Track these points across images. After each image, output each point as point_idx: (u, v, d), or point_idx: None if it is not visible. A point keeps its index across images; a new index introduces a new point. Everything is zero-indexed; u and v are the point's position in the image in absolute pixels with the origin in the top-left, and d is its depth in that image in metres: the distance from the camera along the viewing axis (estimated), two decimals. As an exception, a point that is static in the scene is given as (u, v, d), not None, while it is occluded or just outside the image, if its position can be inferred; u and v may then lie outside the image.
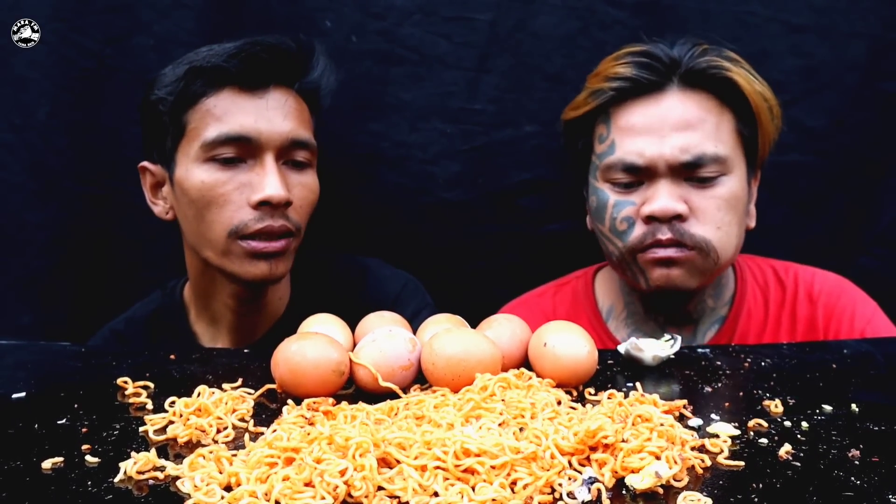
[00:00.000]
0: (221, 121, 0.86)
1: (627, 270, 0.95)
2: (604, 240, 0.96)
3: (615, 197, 0.93)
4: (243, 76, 0.87)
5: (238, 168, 0.87)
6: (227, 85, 0.87)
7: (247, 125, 0.86)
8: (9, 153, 1.11)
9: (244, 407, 0.61)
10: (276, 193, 0.85)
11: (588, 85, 0.97)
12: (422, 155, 1.12)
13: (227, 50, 0.87)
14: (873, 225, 1.15)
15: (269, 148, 0.87)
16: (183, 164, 0.88)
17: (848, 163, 1.13)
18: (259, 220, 0.86)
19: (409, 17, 1.09)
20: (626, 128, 0.92)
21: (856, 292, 1.00)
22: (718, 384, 0.69)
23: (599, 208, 0.95)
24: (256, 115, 0.87)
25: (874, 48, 1.09)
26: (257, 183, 0.86)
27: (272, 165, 0.87)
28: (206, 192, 0.86)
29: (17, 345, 0.77)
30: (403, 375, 0.64)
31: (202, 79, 0.86)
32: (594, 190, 0.96)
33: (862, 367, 0.74)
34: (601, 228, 0.96)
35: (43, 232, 1.13)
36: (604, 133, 0.94)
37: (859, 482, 0.51)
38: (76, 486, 0.49)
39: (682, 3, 1.09)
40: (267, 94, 0.88)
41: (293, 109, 0.90)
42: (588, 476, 0.50)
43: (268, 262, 0.88)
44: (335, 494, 0.47)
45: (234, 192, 0.86)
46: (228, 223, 0.86)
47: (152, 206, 0.96)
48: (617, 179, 0.93)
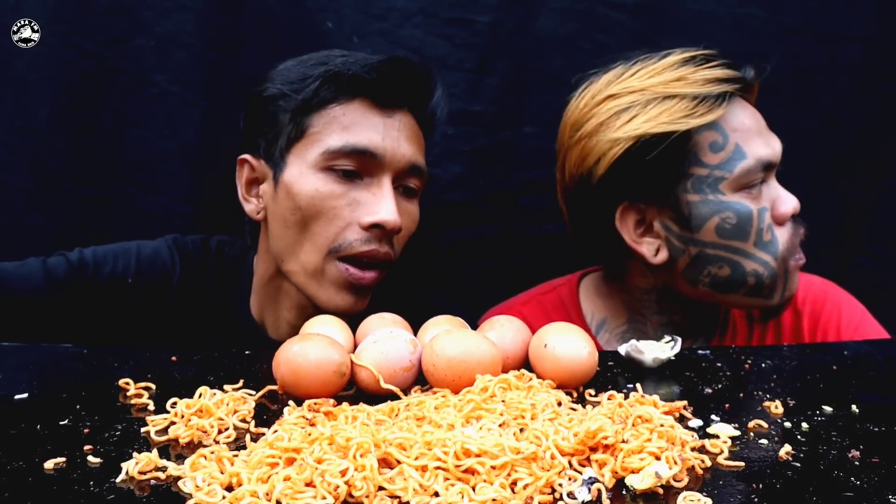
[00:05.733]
0: (349, 131, 0.83)
1: (766, 289, 0.86)
2: (742, 260, 0.85)
3: (754, 205, 0.85)
4: (379, 91, 0.84)
5: (355, 184, 0.83)
6: (359, 96, 0.84)
7: (375, 140, 0.83)
8: (10, 155, 1.11)
9: (245, 408, 0.61)
10: (391, 218, 0.82)
11: (669, 92, 0.85)
12: (422, 156, 1.12)
13: (368, 61, 0.84)
14: (870, 225, 1.15)
15: (390, 169, 0.84)
16: (296, 167, 0.84)
17: (844, 164, 1.13)
18: (366, 242, 0.83)
19: (411, 19, 1.09)
20: (744, 129, 0.85)
21: (841, 297, 0.97)
22: (718, 385, 0.69)
23: (742, 223, 0.84)
24: (385, 133, 0.83)
25: (870, 50, 1.10)
26: (372, 204, 0.83)
27: (389, 188, 0.83)
28: (319, 201, 0.82)
29: (19, 346, 0.77)
30: (404, 377, 0.65)
31: (336, 85, 0.83)
32: (725, 205, 0.84)
33: (862, 368, 0.75)
34: (742, 246, 0.85)
35: (43, 234, 1.13)
36: (717, 140, 0.85)
37: (859, 483, 0.51)
38: (78, 487, 0.49)
39: (681, 5, 1.09)
40: (396, 115, 0.85)
41: (415, 134, 0.88)
42: (588, 476, 0.50)
43: (356, 295, 0.84)
44: (336, 494, 0.47)
45: (346, 209, 0.83)
46: (332, 240, 0.83)
47: (244, 202, 0.90)
48: (751, 183, 0.85)
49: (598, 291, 1.00)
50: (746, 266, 0.85)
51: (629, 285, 0.95)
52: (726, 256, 0.86)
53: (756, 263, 0.85)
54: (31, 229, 1.13)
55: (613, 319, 0.98)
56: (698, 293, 0.89)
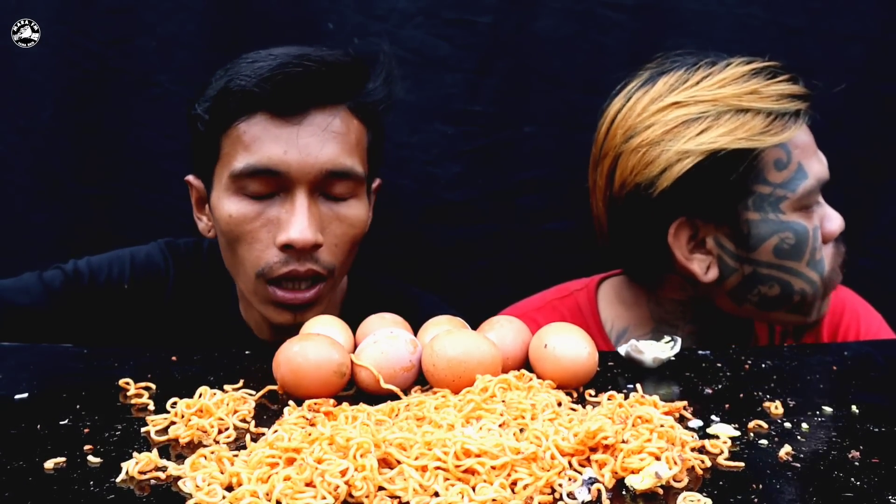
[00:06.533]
0: (249, 150, 0.78)
1: (807, 305, 0.85)
2: (793, 279, 0.84)
3: (810, 225, 0.83)
4: (276, 102, 0.78)
5: (269, 202, 0.79)
6: (259, 109, 0.78)
7: (276, 156, 0.77)
8: (13, 155, 1.12)
9: (245, 408, 0.61)
10: (298, 237, 0.77)
11: (743, 106, 0.82)
12: (423, 156, 1.12)
13: (261, 70, 0.78)
14: (873, 226, 1.15)
15: (302, 181, 0.78)
16: (216, 190, 0.82)
17: (846, 165, 1.13)
18: (285, 263, 0.79)
19: (411, 20, 1.09)
20: (804, 148, 0.84)
21: (859, 306, 0.97)
22: (719, 385, 0.69)
23: (799, 243, 0.83)
24: (288, 145, 0.77)
25: (872, 51, 1.09)
26: (284, 221, 0.78)
27: (302, 202, 0.78)
28: (235, 226, 0.79)
29: (19, 346, 0.77)
30: (404, 377, 0.65)
31: (233, 100, 0.78)
32: (785, 225, 0.83)
33: (862, 368, 0.74)
34: (795, 266, 0.83)
35: (47, 233, 1.13)
36: (782, 158, 0.82)
37: (859, 483, 0.51)
38: (78, 486, 0.50)
39: (681, 5, 1.09)
40: (305, 120, 0.78)
41: (336, 134, 0.80)
42: (588, 476, 0.50)
43: (294, 312, 0.81)
44: (336, 494, 0.47)
45: (262, 230, 0.79)
46: (256, 263, 0.80)
47: (197, 221, 0.90)
48: (810, 204, 0.84)
49: (619, 298, 0.96)
50: (796, 285, 0.84)
51: (661, 297, 0.92)
52: (779, 276, 0.84)
53: (804, 282, 0.84)
54: (34, 228, 1.13)
55: (637, 329, 0.94)
56: (741, 311, 0.88)
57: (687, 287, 0.90)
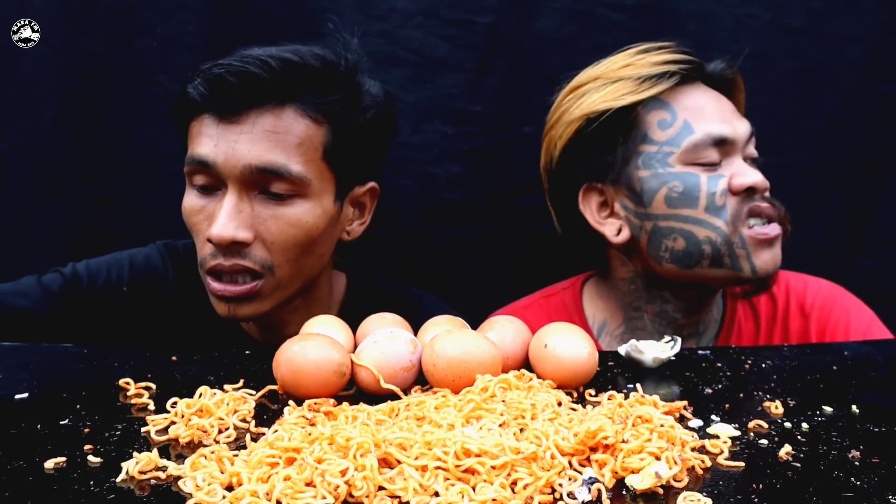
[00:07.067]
0: (192, 144, 0.82)
1: (726, 257, 0.88)
2: (693, 228, 0.88)
3: (705, 175, 0.88)
4: (214, 104, 0.80)
5: (213, 197, 0.82)
6: (204, 111, 0.81)
7: (206, 150, 0.80)
8: (16, 154, 1.12)
9: (245, 408, 0.61)
10: (215, 232, 0.78)
11: (618, 76, 0.90)
12: (423, 156, 1.12)
13: (208, 73, 0.80)
14: (874, 226, 1.15)
15: (231, 178, 0.80)
16: None
17: (846, 164, 1.13)
18: (213, 256, 0.81)
19: (411, 20, 1.09)
20: (696, 108, 0.89)
21: (850, 302, 0.97)
22: (719, 385, 0.69)
23: (689, 191, 0.88)
24: (219, 141, 0.79)
25: (872, 50, 1.09)
26: (214, 217, 0.80)
27: (229, 199, 0.79)
28: (186, 218, 0.83)
29: (19, 346, 0.77)
30: (404, 377, 0.65)
31: (184, 102, 0.83)
32: (672, 176, 0.88)
33: (862, 368, 0.74)
34: (692, 214, 0.88)
35: (50, 232, 1.13)
36: (666, 118, 0.89)
37: (859, 483, 0.51)
38: (78, 486, 0.50)
39: (681, 5, 1.09)
40: (243, 119, 0.80)
41: (271, 133, 0.79)
42: (588, 476, 0.50)
43: (229, 303, 0.82)
44: (336, 494, 0.47)
45: (203, 223, 0.82)
46: (199, 255, 0.83)
47: None
48: (703, 159, 0.88)
49: (598, 294, 1.02)
50: (699, 234, 0.88)
51: (615, 279, 0.98)
52: (678, 227, 0.89)
53: (707, 230, 0.88)
54: (37, 227, 1.14)
55: (612, 321, 0.99)
56: (666, 271, 0.91)
57: (626, 261, 0.96)
